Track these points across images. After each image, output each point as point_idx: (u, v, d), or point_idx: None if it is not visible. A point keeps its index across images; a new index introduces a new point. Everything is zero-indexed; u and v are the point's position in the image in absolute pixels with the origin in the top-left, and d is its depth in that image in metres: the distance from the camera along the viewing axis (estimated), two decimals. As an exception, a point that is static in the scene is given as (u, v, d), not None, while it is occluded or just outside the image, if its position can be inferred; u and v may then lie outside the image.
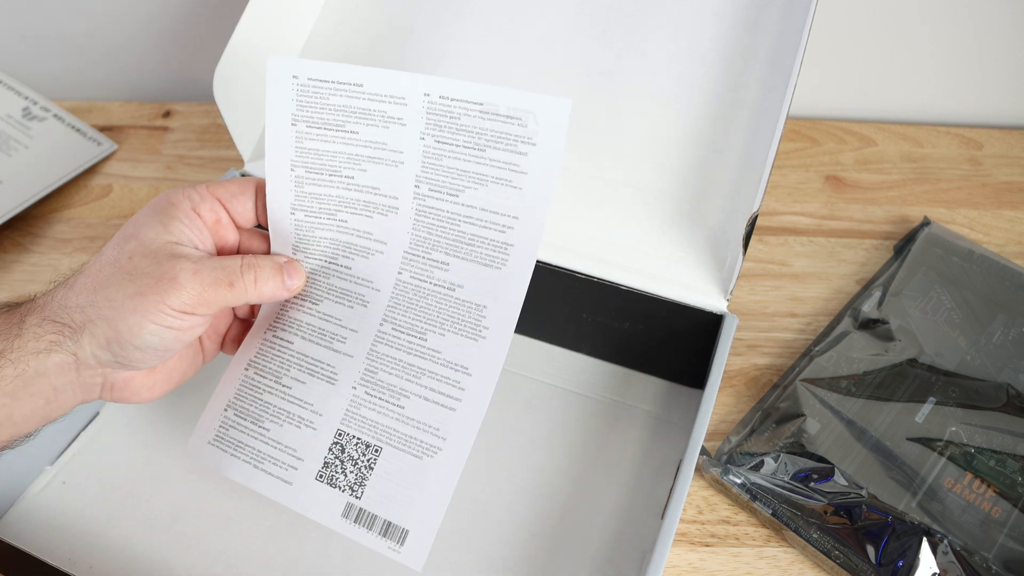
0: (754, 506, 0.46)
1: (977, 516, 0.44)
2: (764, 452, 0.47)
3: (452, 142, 0.41)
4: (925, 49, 0.71)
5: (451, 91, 0.40)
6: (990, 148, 0.71)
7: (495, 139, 0.40)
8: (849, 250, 0.62)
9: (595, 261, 0.49)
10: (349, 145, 0.41)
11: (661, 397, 0.52)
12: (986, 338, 0.53)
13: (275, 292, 0.41)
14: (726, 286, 0.47)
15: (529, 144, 0.39)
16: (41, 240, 0.61)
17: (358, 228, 0.43)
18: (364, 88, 0.40)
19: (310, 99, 0.41)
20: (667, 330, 0.50)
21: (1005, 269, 0.57)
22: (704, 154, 0.51)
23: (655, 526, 0.45)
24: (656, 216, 0.50)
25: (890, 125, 0.73)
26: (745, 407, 0.52)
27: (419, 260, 0.42)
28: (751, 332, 0.56)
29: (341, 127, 0.41)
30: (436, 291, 0.42)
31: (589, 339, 0.53)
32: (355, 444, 0.41)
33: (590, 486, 0.47)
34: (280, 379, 0.42)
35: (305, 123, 0.41)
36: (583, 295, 0.50)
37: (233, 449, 0.42)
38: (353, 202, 0.42)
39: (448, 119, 0.40)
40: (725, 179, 0.50)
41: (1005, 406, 0.49)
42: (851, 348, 0.52)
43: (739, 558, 0.45)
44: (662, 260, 0.49)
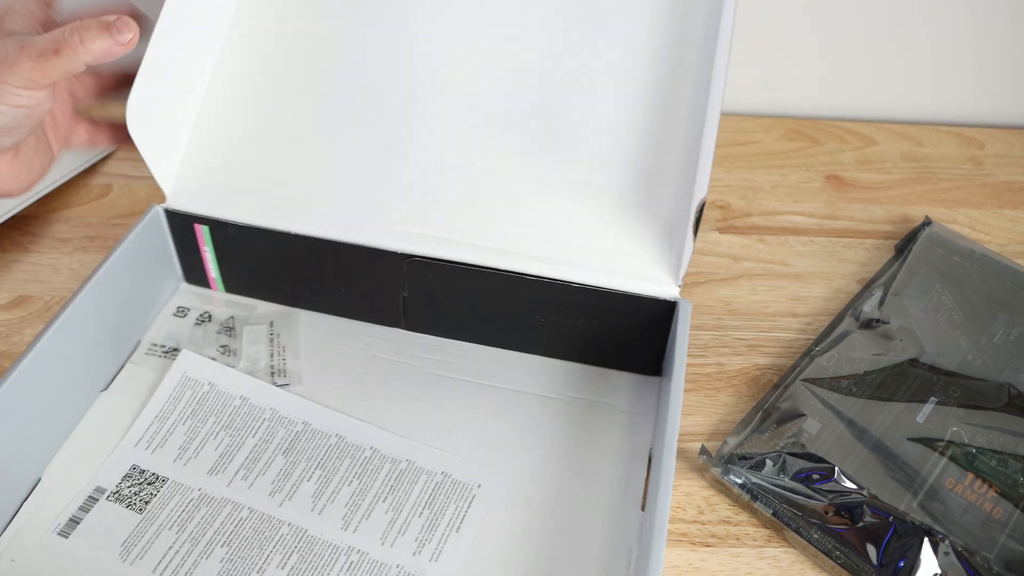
0: (755, 506, 0.46)
1: (978, 516, 0.44)
2: (765, 452, 0.47)
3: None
4: (925, 49, 0.71)
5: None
6: (991, 148, 0.71)
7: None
8: (850, 250, 0.62)
9: (543, 262, 0.49)
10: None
11: (624, 390, 0.52)
12: (987, 338, 0.53)
13: (107, 49, 0.42)
14: (677, 273, 0.47)
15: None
16: (41, 240, 0.61)
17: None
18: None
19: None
20: (623, 323, 0.49)
21: (1006, 269, 0.57)
22: (645, 145, 0.50)
23: (637, 519, 0.45)
24: (602, 210, 0.49)
25: (891, 125, 0.73)
26: (746, 407, 0.52)
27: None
28: (752, 332, 0.56)
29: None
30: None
31: (545, 340, 0.52)
32: None
33: (567, 487, 0.47)
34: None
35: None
36: (534, 297, 0.49)
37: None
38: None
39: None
40: (669, 168, 0.49)
41: (1006, 406, 0.49)
42: (852, 348, 0.52)
43: (740, 558, 0.45)
44: (611, 254, 0.48)
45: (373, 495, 0.46)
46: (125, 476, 0.46)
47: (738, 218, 0.64)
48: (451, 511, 0.46)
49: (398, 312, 0.54)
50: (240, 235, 0.52)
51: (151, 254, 0.53)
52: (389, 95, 0.53)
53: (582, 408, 0.51)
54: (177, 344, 0.53)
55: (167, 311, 0.55)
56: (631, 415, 0.50)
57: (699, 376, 0.53)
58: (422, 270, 0.50)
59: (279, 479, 0.47)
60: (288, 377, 0.51)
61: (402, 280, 0.51)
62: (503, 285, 0.49)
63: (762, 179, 0.67)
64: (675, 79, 0.51)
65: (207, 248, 0.54)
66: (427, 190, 0.51)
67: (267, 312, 0.55)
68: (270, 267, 0.54)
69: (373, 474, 0.47)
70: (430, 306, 0.53)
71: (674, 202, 0.49)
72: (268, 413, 0.49)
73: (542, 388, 0.52)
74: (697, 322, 0.56)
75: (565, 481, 0.47)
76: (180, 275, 0.56)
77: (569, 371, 0.53)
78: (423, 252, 0.49)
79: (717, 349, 0.55)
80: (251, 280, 0.56)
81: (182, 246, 0.54)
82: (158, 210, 0.52)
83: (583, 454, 0.48)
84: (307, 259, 0.52)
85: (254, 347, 0.53)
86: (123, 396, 0.50)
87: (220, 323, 0.54)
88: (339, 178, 0.52)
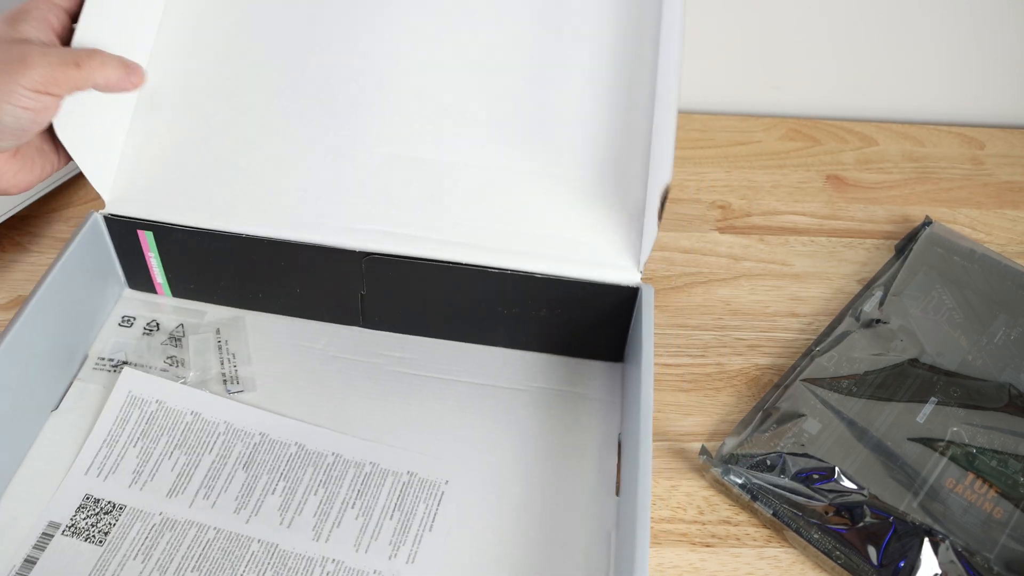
0: (755, 506, 0.46)
1: (979, 516, 0.44)
2: (765, 452, 0.47)
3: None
4: (926, 49, 0.71)
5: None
6: (992, 147, 0.71)
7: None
8: (850, 250, 0.62)
9: (504, 253, 0.48)
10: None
11: (590, 378, 0.52)
12: (987, 338, 0.53)
13: (119, 80, 0.45)
14: (638, 259, 0.47)
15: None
16: (41, 240, 0.61)
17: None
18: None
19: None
20: (586, 311, 0.49)
21: (1007, 269, 0.57)
22: (605, 136, 0.50)
23: (613, 504, 0.46)
24: (561, 200, 0.49)
25: (891, 124, 0.73)
26: (746, 407, 0.52)
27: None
28: (752, 332, 0.56)
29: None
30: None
31: (508, 332, 0.52)
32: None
33: (540, 477, 0.47)
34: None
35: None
36: (496, 289, 0.49)
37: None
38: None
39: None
40: (631, 159, 0.49)
41: (1007, 406, 0.49)
42: (852, 348, 0.52)
43: (740, 558, 0.45)
44: (572, 243, 0.48)
45: (341, 502, 0.45)
46: (79, 508, 0.44)
47: (738, 218, 0.64)
48: (422, 510, 0.45)
49: (356, 310, 0.53)
50: (187, 239, 0.50)
51: (93, 263, 0.51)
52: (335, 91, 0.51)
53: (549, 398, 0.51)
54: (125, 357, 0.51)
55: (112, 321, 0.53)
56: (599, 403, 0.50)
57: (699, 376, 0.53)
58: (381, 267, 0.49)
59: (242, 495, 0.45)
60: (241, 384, 0.50)
61: (360, 278, 0.50)
62: (464, 279, 0.49)
63: (762, 179, 0.67)
64: (633, 72, 0.51)
65: (152, 254, 0.52)
66: (381, 186, 0.50)
67: (215, 319, 0.54)
68: (220, 270, 0.53)
69: (338, 480, 0.46)
70: (390, 303, 0.52)
71: (636, 191, 0.49)
72: (222, 427, 0.48)
73: (508, 380, 0.51)
74: (697, 322, 0.56)
75: (537, 471, 0.47)
76: (123, 281, 0.55)
77: (534, 362, 0.52)
78: (381, 249, 0.49)
79: (717, 349, 0.55)
80: (199, 284, 0.54)
81: (125, 253, 0.53)
82: (97, 217, 0.50)
83: (553, 443, 0.48)
84: (259, 261, 0.51)
85: (202, 357, 0.51)
86: (73, 416, 0.49)
87: (168, 332, 0.53)
88: (288, 177, 0.50)
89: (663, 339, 0.55)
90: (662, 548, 0.45)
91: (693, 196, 0.66)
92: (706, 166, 0.68)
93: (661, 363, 0.54)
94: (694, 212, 0.64)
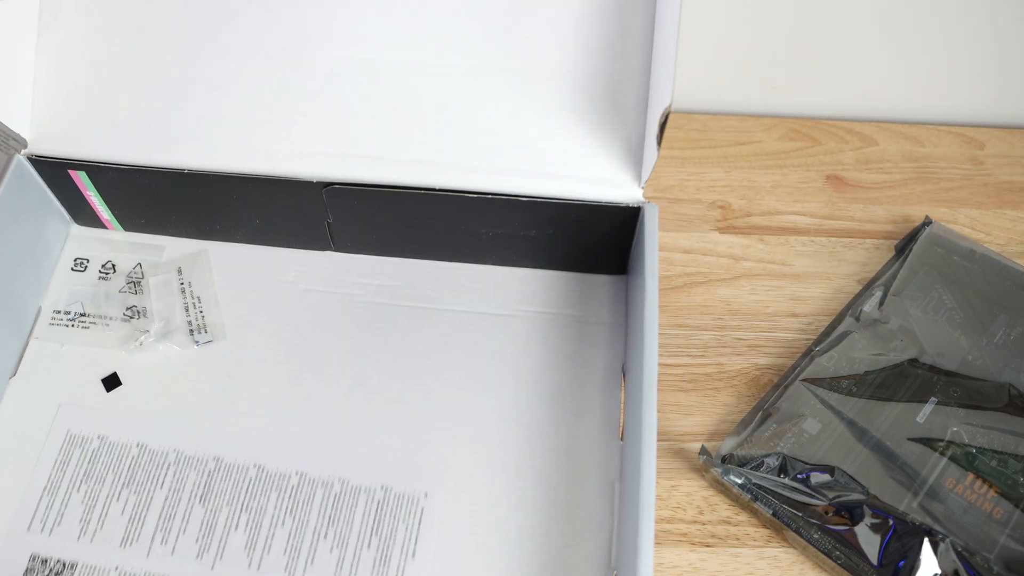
0: (755, 506, 0.46)
1: (979, 516, 0.44)
2: (765, 452, 0.47)
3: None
4: (926, 49, 0.71)
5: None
6: (992, 148, 0.71)
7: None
8: (850, 250, 0.62)
9: (482, 173, 0.42)
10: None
11: (590, 297, 0.47)
12: (988, 338, 0.53)
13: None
14: (639, 175, 0.42)
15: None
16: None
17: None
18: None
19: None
20: (582, 233, 0.45)
21: (1007, 269, 0.57)
22: (600, 35, 0.43)
23: (617, 450, 0.42)
24: (548, 107, 0.43)
25: (891, 124, 0.73)
26: (746, 407, 0.52)
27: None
28: (752, 332, 0.56)
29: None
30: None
31: (497, 251, 0.47)
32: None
33: (537, 421, 0.43)
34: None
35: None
36: (477, 214, 0.44)
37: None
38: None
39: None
40: (631, 68, 0.43)
41: (1007, 406, 0.49)
42: (852, 348, 0.52)
43: (740, 558, 0.45)
44: (562, 156, 0.43)
45: (312, 532, 0.41)
46: (27, 571, 0.40)
47: (738, 218, 0.64)
48: (402, 533, 0.41)
49: (325, 236, 0.48)
50: (123, 178, 0.45)
51: (28, 206, 0.46)
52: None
53: (545, 323, 0.46)
54: (82, 308, 0.47)
55: (64, 266, 0.48)
56: (600, 325, 0.46)
57: (699, 376, 0.53)
58: (344, 196, 0.44)
59: (203, 535, 0.41)
60: (210, 332, 0.46)
61: (323, 207, 0.45)
62: (438, 205, 0.44)
63: (762, 179, 0.67)
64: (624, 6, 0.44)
65: (91, 192, 0.47)
66: (335, 98, 0.43)
67: (175, 256, 0.49)
68: (169, 206, 0.47)
69: (306, 505, 0.42)
70: (359, 230, 0.47)
71: (634, 100, 0.43)
72: (172, 456, 0.43)
73: (498, 305, 0.47)
74: (697, 322, 0.56)
75: (537, 413, 0.43)
76: (68, 219, 0.49)
77: (527, 280, 0.47)
78: (341, 177, 0.43)
79: (717, 349, 0.55)
80: (151, 218, 0.48)
81: (62, 191, 0.47)
82: (20, 160, 0.44)
83: (552, 379, 0.44)
84: (208, 196, 0.46)
85: (163, 302, 0.47)
86: (35, 381, 0.45)
87: (125, 275, 0.48)
88: (229, 96, 0.44)
89: (663, 339, 0.55)
90: (662, 548, 0.45)
91: (693, 196, 0.66)
92: (706, 166, 0.68)
93: (661, 363, 0.54)
94: (694, 212, 0.64)
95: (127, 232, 0.50)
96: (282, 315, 0.47)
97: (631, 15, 0.43)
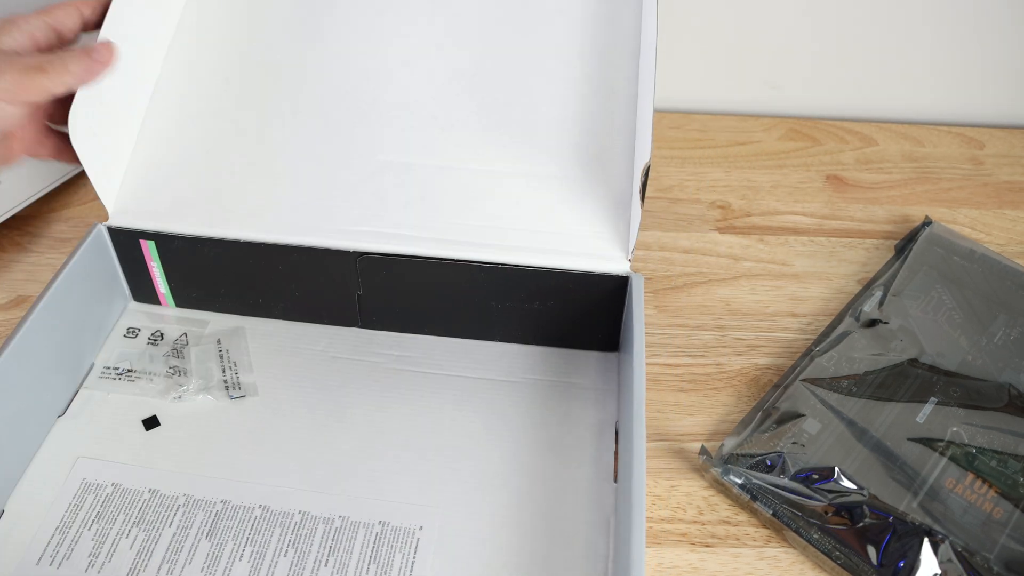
0: (755, 506, 0.46)
1: (978, 517, 0.44)
2: (765, 452, 0.47)
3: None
4: (925, 49, 0.71)
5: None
6: (991, 148, 0.71)
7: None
8: (850, 250, 0.62)
9: (495, 249, 0.49)
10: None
11: (585, 368, 0.53)
12: (987, 338, 0.53)
13: (87, 68, 0.45)
14: (627, 248, 0.49)
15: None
16: (40, 240, 0.61)
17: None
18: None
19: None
20: (577, 302, 0.51)
21: (1006, 269, 0.57)
22: (586, 133, 0.52)
23: (612, 491, 0.46)
24: (548, 196, 0.50)
25: (891, 124, 0.73)
26: (746, 407, 0.52)
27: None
28: (752, 332, 0.56)
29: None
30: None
31: (503, 326, 0.53)
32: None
33: (539, 467, 0.48)
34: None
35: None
36: (488, 284, 0.50)
37: None
38: None
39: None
40: (612, 152, 0.51)
41: (1006, 406, 0.49)
42: (852, 348, 0.52)
43: (740, 559, 0.45)
44: (561, 236, 0.50)
45: (313, 561, 0.43)
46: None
47: (738, 218, 0.64)
48: (399, 560, 0.44)
49: (354, 311, 0.54)
50: (187, 247, 0.52)
51: (97, 274, 0.52)
52: (331, 103, 0.53)
53: (546, 388, 0.51)
54: (130, 365, 0.52)
55: (117, 333, 0.54)
56: (594, 391, 0.51)
57: (699, 376, 0.53)
58: (375, 266, 0.50)
59: (208, 565, 0.43)
60: (243, 389, 0.51)
61: (356, 278, 0.51)
62: (456, 274, 0.50)
63: (762, 179, 0.67)
64: (612, 73, 0.53)
65: (154, 264, 0.53)
66: (374, 190, 0.51)
67: (217, 329, 0.54)
68: (221, 277, 0.54)
69: (307, 539, 0.44)
70: (386, 302, 0.53)
71: (622, 185, 0.50)
72: (182, 499, 0.46)
73: (504, 373, 0.52)
74: (697, 322, 0.56)
75: (536, 460, 0.48)
76: (128, 294, 0.56)
77: (530, 355, 0.53)
78: (375, 248, 0.50)
79: (717, 349, 0.55)
80: (201, 293, 0.55)
81: (128, 264, 0.54)
82: (101, 229, 0.51)
83: (551, 433, 0.49)
84: (258, 265, 0.52)
85: (203, 365, 0.52)
86: (80, 420, 0.49)
87: (171, 343, 0.53)
88: (285, 185, 0.52)
89: (663, 339, 0.55)
90: (662, 548, 0.45)
91: (693, 196, 0.66)
92: (706, 166, 0.68)
93: (661, 363, 0.54)
94: (694, 212, 0.64)
95: (177, 308, 0.56)
96: (311, 377, 0.52)
97: (614, 111, 0.52)
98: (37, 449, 0.48)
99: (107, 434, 0.48)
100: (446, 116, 0.53)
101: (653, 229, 0.63)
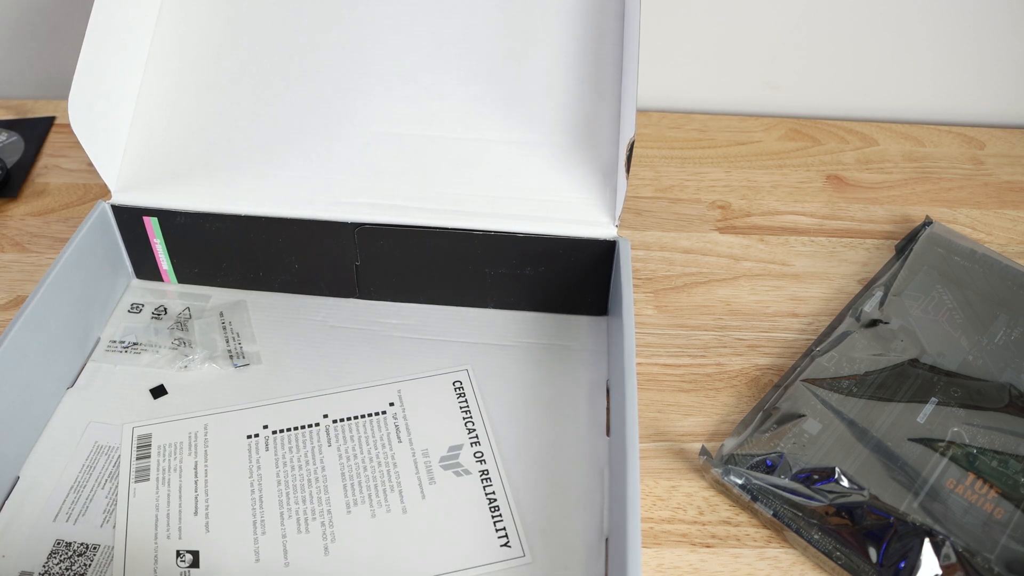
0: (755, 507, 0.46)
1: (979, 517, 0.44)
2: (765, 452, 0.47)
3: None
4: (926, 49, 0.71)
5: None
6: (992, 147, 0.71)
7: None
8: (850, 250, 0.62)
9: (488, 217, 0.51)
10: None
11: (576, 332, 0.54)
12: (988, 338, 0.53)
13: None
14: (613, 214, 0.51)
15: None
16: (40, 240, 0.61)
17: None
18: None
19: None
20: (568, 267, 0.52)
21: (1007, 269, 0.57)
22: (575, 104, 0.53)
23: (605, 444, 0.48)
24: (539, 165, 0.52)
25: (891, 124, 0.73)
26: (746, 407, 0.52)
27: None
28: (752, 332, 0.56)
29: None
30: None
31: (496, 293, 0.55)
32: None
33: (535, 423, 0.49)
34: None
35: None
36: (482, 251, 0.52)
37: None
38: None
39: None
40: (600, 122, 0.53)
41: (1007, 406, 0.49)
42: (852, 348, 0.52)
43: (740, 559, 0.45)
44: (551, 203, 0.51)
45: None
46: (51, 553, 0.43)
47: (738, 218, 0.64)
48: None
49: (352, 282, 0.55)
50: (190, 223, 0.53)
51: (102, 251, 0.53)
52: (323, 76, 0.54)
53: (539, 352, 0.53)
54: (136, 339, 0.53)
55: (121, 309, 0.55)
56: (586, 353, 0.53)
57: (699, 376, 0.53)
58: (373, 237, 0.52)
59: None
60: (247, 358, 0.52)
61: (354, 249, 0.53)
62: (451, 243, 0.52)
63: (762, 179, 0.67)
64: (599, 44, 0.54)
65: (157, 240, 0.54)
66: (370, 161, 0.52)
67: (219, 303, 0.56)
68: (222, 252, 0.55)
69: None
70: (383, 272, 0.54)
71: (608, 153, 0.52)
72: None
73: (499, 338, 0.54)
74: (697, 322, 0.56)
75: (532, 417, 0.49)
76: (131, 272, 0.57)
77: (523, 320, 0.55)
78: (372, 219, 0.51)
79: (717, 349, 0.55)
80: (203, 268, 0.56)
81: (131, 241, 0.55)
82: (104, 207, 0.52)
83: (545, 392, 0.51)
84: (259, 239, 0.53)
85: (207, 337, 0.53)
86: (89, 391, 0.51)
87: (175, 316, 0.55)
88: (283, 158, 0.53)
89: (663, 339, 0.55)
90: (662, 548, 0.45)
91: (693, 196, 0.66)
92: (706, 166, 0.68)
93: (661, 363, 0.54)
94: (694, 212, 0.64)
95: (180, 284, 0.57)
96: (311, 346, 0.53)
97: (602, 80, 0.53)
98: (49, 419, 0.49)
99: (116, 403, 0.50)
100: (438, 87, 0.54)
101: (653, 229, 0.63)
